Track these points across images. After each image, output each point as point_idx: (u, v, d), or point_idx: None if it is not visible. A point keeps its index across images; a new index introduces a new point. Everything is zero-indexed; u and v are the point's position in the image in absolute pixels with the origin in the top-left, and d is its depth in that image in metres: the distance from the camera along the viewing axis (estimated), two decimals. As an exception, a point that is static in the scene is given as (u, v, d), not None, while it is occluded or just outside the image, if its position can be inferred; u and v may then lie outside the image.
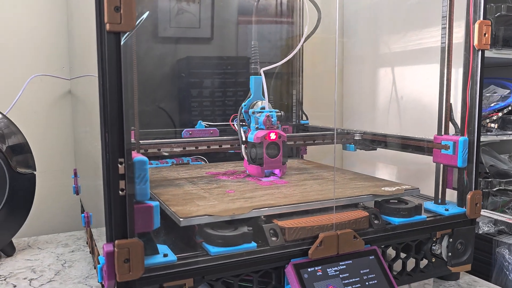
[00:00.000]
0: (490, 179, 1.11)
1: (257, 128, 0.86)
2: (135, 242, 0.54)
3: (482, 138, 0.87)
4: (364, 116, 1.31)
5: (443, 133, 0.80)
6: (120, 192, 0.54)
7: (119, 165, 0.53)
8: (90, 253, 0.92)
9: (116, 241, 0.53)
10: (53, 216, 1.16)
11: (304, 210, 0.69)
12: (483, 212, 0.99)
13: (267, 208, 0.67)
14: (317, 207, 0.70)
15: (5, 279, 0.83)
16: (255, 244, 0.62)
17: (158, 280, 0.57)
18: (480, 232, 0.93)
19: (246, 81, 1.25)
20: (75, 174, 1.08)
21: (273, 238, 0.64)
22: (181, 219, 0.61)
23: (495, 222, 0.95)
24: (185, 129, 1.10)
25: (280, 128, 0.86)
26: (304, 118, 1.23)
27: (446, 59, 0.77)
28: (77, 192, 1.05)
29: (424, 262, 0.78)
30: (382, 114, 1.24)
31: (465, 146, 0.76)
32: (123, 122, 0.53)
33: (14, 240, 0.96)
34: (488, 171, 1.18)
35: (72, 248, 0.99)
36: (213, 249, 0.60)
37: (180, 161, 1.10)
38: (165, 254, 0.58)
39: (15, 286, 0.80)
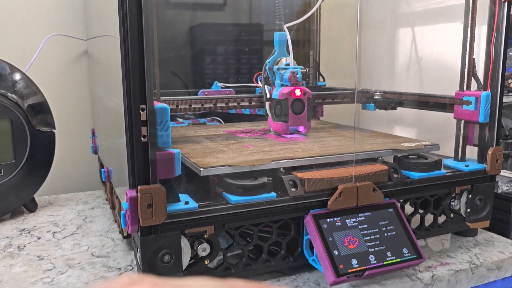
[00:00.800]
0: (510, 141, 1.10)
1: (281, 85, 0.85)
2: (158, 188, 0.55)
3: (504, 99, 0.85)
4: (382, 78, 1.29)
5: (465, 88, 0.79)
6: (142, 139, 0.54)
7: (141, 112, 0.54)
8: (110, 208, 0.94)
9: (139, 187, 0.54)
10: (72, 176, 1.18)
11: (323, 163, 0.70)
12: (503, 172, 0.98)
13: (286, 160, 0.67)
14: (337, 160, 0.70)
15: (29, 232, 0.85)
16: (275, 194, 0.63)
17: (180, 226, 0.58)
18: (499, 191, 0.92)
19: (260, 49, 1.24)
20: (93, 134, 1.09)
21: (293, 189, 0.64)
22: (201, 169, 0.62)
23: (515, 182, 0.94)
24: (201, 90, 1.09)
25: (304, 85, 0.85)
26: (321, 79, 1.22)
27: (470, 11, 0.75)
28: (95, 151, 1.06)
29: (442, 218, 0.78)
30: (401, 76, 1.23)
31: (488, 101, 0.75)
32: (144, 68, 0.53)
33: (35, 197, 0.98)
34: (508, 134, 1.16)
35: (92, 206, 1.01)
36: (233, 198, 0.61)
37: (196, 122, 1.10)
38: (186, 202, 0.59)
39: (39, 238, 0.83)
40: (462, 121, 0.80)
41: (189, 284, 0.19)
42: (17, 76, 0.95)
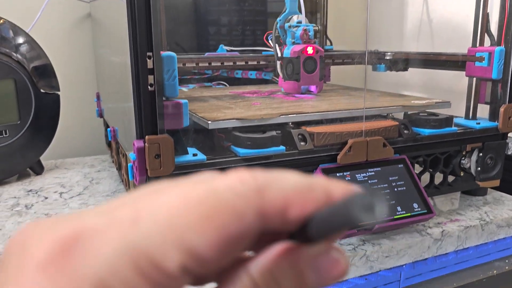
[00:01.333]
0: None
1: (293, 43, 0.83)
2: (166, 138, 0.54)
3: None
4: (392, 42, 1.27)
5: (478, 44, 0.77)
6: (149, 88, 0.53)
7: (148, 60, 0.53)
8: (117, 169, 0.93)
9: (147, 137, 0.53)
10: (78, 141, 1.17)
11: (333, 119, 0.68)
12: (513, 134, 0.96)
13: (295, 115, 0.66)
14: (347, 116, 0.69)
15: (36, 193, 0.85)
16: (284, 148, 0.62)
17: (188, 178, 0.57)
18: (510, 153, 0.91)
19: (264, 20, 1.21)
20: (98, 98, 1.08)
21: (302, 143, 0.63)
22: (209, 122, 0.61)
23: (525, 143, 0.93)
24: (207, 53, 1.07)
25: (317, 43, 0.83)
26: (328, 43, 1.19)
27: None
28: (100, 114, 1.06)
29: (451, 178, 0.77)
30: (411, 39, 1.20)
31: (501, 57, 0.73)
32: (151, 14, 0.51)
33: (41, 161, 0.97)
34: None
35: (98, 169, 1.01)
36: (241, 151, 0.60)
37: (202, 86, 1.09)
38: (194, 154, 0.58)
39: (46, 198, 0.82)
40: (474, 79, 0.78)
41: (278, 174, 0.20)
42: (21, 37, 0.94)
